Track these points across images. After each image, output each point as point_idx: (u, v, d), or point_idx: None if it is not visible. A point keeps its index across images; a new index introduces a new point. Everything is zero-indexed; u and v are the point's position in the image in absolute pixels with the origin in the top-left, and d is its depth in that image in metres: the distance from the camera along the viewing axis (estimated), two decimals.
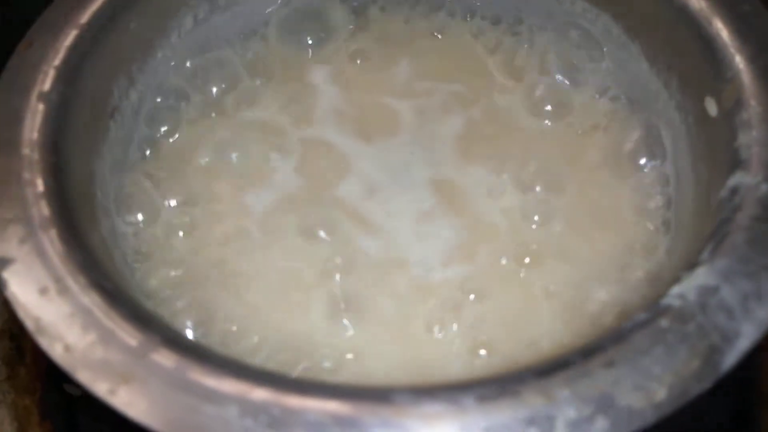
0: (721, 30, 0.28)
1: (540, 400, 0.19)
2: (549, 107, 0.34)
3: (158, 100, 0.33)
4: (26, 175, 0.25)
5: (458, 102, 0.34)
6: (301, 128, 0.33)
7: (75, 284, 0.22)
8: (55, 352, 0.21)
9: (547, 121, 0.33)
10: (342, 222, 0.30)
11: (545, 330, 0.27)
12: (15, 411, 0.32)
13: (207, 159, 0.33)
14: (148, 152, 0.32)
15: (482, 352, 0.27)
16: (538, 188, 0.31)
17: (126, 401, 0.20)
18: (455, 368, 0.26)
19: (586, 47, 0.35)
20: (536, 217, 0.31)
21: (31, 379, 0.34)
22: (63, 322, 0.22)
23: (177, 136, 0.33)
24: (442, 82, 0.34)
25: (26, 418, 0.33)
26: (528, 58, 0.35)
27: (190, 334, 0.27)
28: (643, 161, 0.32)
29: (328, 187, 0.31)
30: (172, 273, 0.29)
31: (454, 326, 0.28)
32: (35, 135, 0.26)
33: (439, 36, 0.36)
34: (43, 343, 0.21)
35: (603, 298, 0.28)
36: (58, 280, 0.22)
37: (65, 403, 0.34)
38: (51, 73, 0.28)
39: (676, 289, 0.22)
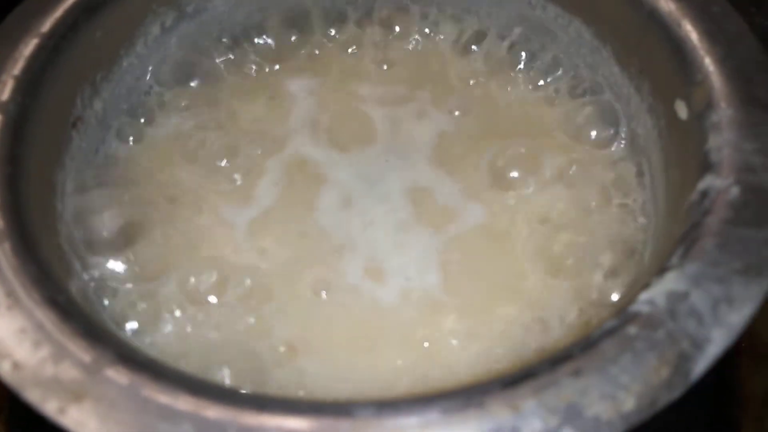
0: (691, 32, 0.28)
1: (506, 411, 0.19)
2: (524, 110, 0.34)
3: (124, 109, 0.33)
4: None
5: (432, 108, 0.34)
6: (275, 139, 0.33)
7: (27, 298, 0.22)
8: (3, 370, 0.20)
9: (520, 123, 0.33)
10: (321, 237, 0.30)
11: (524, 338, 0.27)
12: None
13: (175, 171, 0.32)
14: (113, 163, 0.32)
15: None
16: (514, 191, 0.31)
17: (76, 420, 0.19)
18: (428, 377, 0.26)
19: (557, 51, 0.35)
20: (514, 221, 0.30)
21: None
22: (13, 337, 0.21)
23: (144, 146, 0.33)
24: (415, 88, 0.34)
25: None
26: (500, 62, 0.35)
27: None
28: (620, 165, 0.32)
29: (305, 200, 0.31)
30: (138, 294, 0.28)
31: (436, 335, 0.27)
32: None
33: (410, 39, 0.36)
34: None
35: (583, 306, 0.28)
36: (9, 294, 0.22)
37: (33, 422, 0.33)
38: (9, 83, 0.27)
39: (645, 295, 0.21)
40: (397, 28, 0.36)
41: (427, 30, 0.36)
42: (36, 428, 0.33)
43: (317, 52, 0.35)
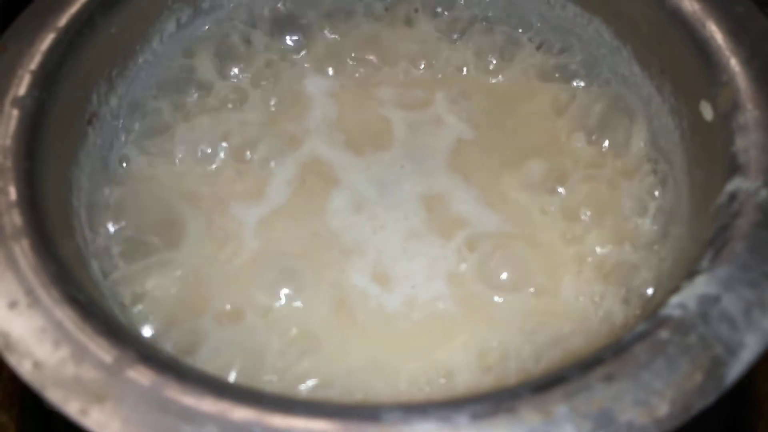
0: (716, 32, 0.28)
1: (537, 417, 0.18)
2: (540, 112, 0.33)
3: (139, 105, 0.32)
4: None
5: (450, 113, 0.33)
6: (291, 139, 0.32)
7: (47, 297, 0.21)
8: (24, 369, 0.20)
9: (539, 128, 0.33)
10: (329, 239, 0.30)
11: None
12: None
13: (189, 168, 0.32)
14: (127, 160, 0.31)
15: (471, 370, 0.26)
16: (531, 198, 0.30)
17: (99, 422, 0.19)
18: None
19: (577, 52, 0.34)
20: (532, 229, 0.30)
21: (8, 394, 0.33)
22: (33, 337, 0.20)
23: (159, 142, 0.32)
24: (434, 92, 0.34)
25: None
26: (517, 64, 0.34)
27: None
28: (637, 167, 0.31)
29: (317, 201, 0.31)
30: (150, 285, 0.28)
31: (437, 342, 0.27)
32: (8, 141, 0.25)
33: (430, 42, 0.35)
34: (12, 360, 0.20)
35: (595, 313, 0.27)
36: (29, 293, 0.21)
37: (44, 419, 0.33)
38: (26, 78, 0.27)
39: (675, 299, 0.21)
40: (418, 30, 0.36)
41: (446, 33, 0.36)
42: (46, 424, 0.33)
43: (335, 51, 0.35)
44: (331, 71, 0.35)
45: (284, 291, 0.28)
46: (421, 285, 0.28)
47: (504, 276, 0.28)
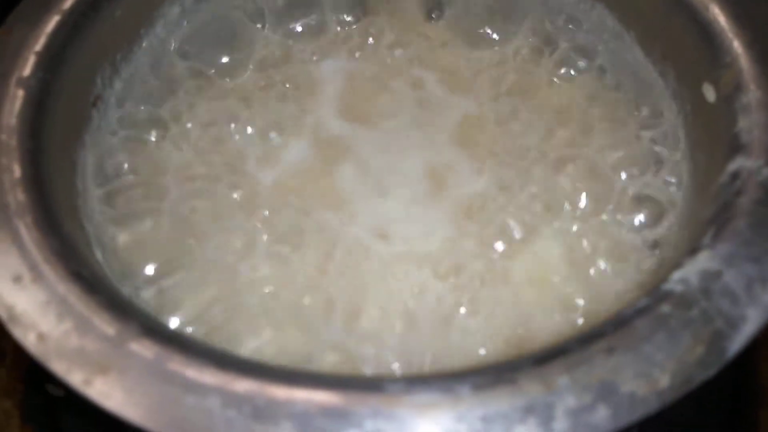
0: (718, 15, 0.28)
1: (538, 388, 0.18)
2: (547, 94, 0.33)
3: (144, 88, 0.32)
4: (3, 161, 0.24)
5: (454, 91, 0.33)
6: (302, 111, 0.33)
7: (51, 271, 0.21)
8: (28, 341, 0.20)
9: (544, 107, 0.33)
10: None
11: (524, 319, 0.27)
12: None
13: (196, 147, 0.32)
14: (131, 143, 0.31)
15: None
16: (532, 172, 0.31)
17: (102, 392, 0.19)
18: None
19: (581, 38, 0.34)
20: (531, 202, 0.30)
21: (12, 380, 0.33)
22: (37, 310, 0.21)
23: (164, 125, 0.32)
24: (442, 71, 0.34)
25: (7, 420, 0.32)
26: (523, 47, 0.34)
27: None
28: (643, 150, 0.31)
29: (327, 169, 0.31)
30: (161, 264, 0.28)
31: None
32: (13, 121, 0.25)
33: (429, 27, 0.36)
34: (16, 332, 0.20)
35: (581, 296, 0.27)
36: (33, 268, 0.21)
37: (48, 404, 0.33)
38: (31, 59, 0.27)
39: (677, 274, 0.21)
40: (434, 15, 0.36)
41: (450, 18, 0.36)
42: (50, 409, 0.33)
43: (344, 33, 0.35)
44: (340, 53, 0.35)
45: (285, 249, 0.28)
46: (419, 244, 0.28)
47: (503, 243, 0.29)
